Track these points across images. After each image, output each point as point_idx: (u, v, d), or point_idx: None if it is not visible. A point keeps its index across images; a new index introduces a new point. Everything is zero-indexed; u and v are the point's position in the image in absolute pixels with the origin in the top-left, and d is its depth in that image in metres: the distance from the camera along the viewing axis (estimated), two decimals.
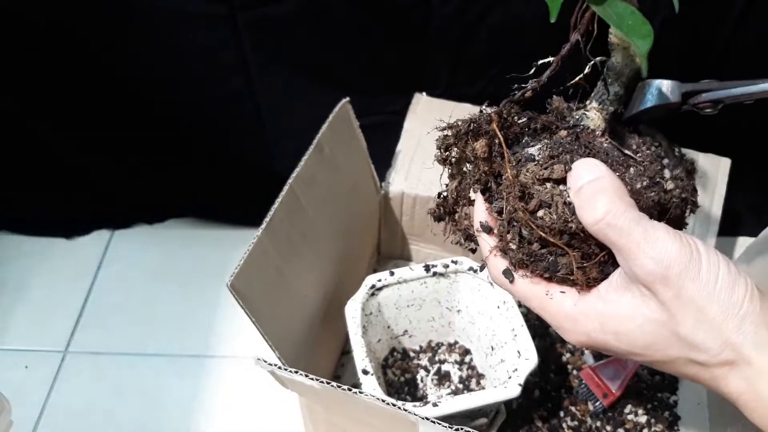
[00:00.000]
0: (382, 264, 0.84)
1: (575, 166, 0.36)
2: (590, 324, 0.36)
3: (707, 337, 0.32)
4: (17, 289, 0.88)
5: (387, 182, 0.75)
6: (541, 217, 0.36)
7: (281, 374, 0.50)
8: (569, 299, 0.37)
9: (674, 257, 0.32)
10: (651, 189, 0.37)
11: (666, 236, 0.33)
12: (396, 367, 0.72)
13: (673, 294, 0.32)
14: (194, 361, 0.81)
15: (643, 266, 0.33)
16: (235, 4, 0.70)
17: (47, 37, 0.74)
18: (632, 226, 0.33)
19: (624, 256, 0.34)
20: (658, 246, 0.32)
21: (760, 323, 0.32)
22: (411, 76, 0.80)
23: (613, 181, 0.35)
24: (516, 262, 0.38)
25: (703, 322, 0.32)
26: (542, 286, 0.38)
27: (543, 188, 0.37)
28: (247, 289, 0.51)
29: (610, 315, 0.35)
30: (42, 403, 0.77)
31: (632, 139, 0.40)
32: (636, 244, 0.33)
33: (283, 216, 0.57)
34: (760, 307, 0.32)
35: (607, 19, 0.35)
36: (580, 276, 0.36)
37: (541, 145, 0.38)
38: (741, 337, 0.32)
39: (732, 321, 0.32)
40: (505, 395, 0.57)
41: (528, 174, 0.37)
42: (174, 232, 0.94)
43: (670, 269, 0.32)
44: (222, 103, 0.81)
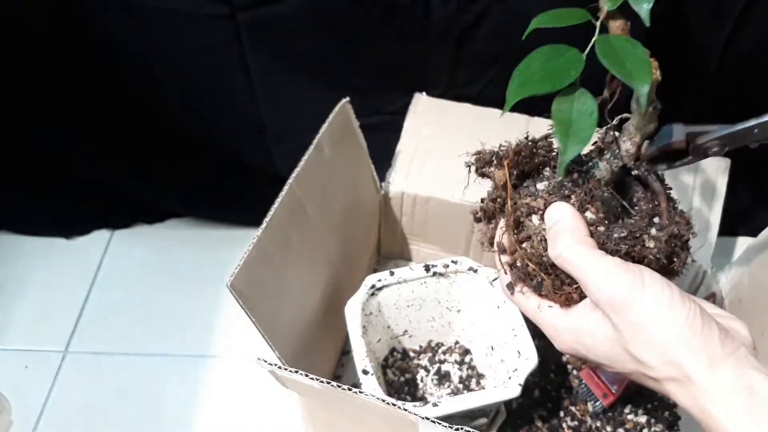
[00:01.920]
0: (382, 264, 0.84)
1: (548, 209, 0.42)
2: (568, 335, 0.42)
3: (652, 357, 0.37)
4: (17, 289, 0.88)
5: (387, 182, 0.75)
6: (525, 248, 0.43)
7: (281, 374, 0.50)
8: (555, 312, 0.43)
9: (620, 285, 0.37)
10: (625, 240, 0.41)
11: (613, 268, 0.38)
12: (396, 367, 0.72)
13: (621, 318, 0.37)
14: (194, 361, 0.81)
15: (593, 294, 0.38)
16: (235, 4, 0.70)
17: (47, 37, 0.75)
18: (583, 260, 0.38)
19: (581, 285, 0.39)
20: (605, 277, 0.38)
21: (698, 347, 0.36)
22: (411, 76, 0.80)
23: (574, 223, 0.40)
24: (516, 278, 0.45)
25: (648, 343, 0.37)
26: (535, 299, 0.44)
27: (531, 223, 0.43)
28: (247, 289, 0.51)
29: (581, 330, 0.41)
30: (42, 403, 0.77)
31: (637, 193, 0.44)
32: (586, 275, 0.38)
33: (283, 216, 0.57)
34: (702, 331, 0.36)
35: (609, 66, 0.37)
36: (558, 298, 0.42)
37: (549, 183, 0.44)
38: (681, 358, 0.36)
39: (673, 344, 0.36)
40: (505, 395, 0.57)
41: (523, 208, 0.43)
42: (174, 232, 0.94)
43: (615, 297, 0.37)
44: (222, 103, 0.81)
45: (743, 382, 0.35)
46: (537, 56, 0.39)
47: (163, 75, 0.78)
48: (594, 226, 0.41)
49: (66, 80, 0.79)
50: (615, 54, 0.37)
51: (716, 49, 0.72)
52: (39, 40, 0.75)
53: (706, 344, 0.36)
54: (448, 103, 0.79)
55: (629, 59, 0.37)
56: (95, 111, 0.82)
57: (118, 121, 0.83)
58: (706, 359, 0.36)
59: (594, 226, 0.41)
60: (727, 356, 0.36)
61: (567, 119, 0.37)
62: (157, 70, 0.78)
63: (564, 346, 0.43)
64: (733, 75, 0.74)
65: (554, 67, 0.38)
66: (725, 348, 0.36)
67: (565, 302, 0.42)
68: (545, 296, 0.43)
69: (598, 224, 0.42)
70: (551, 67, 0.38)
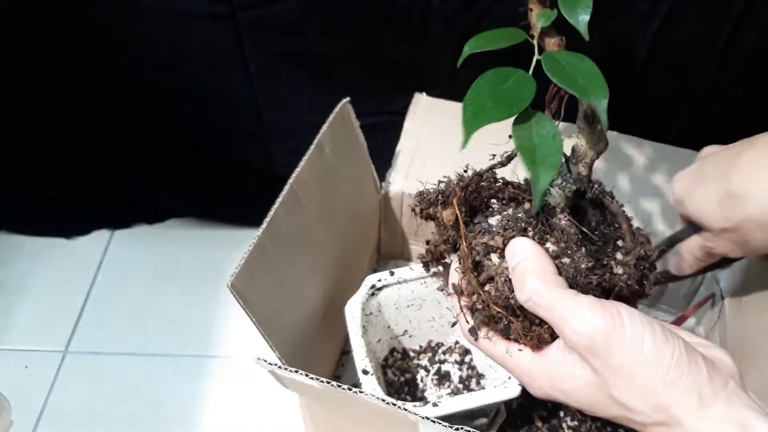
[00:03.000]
0: (382, 264, 0.84)
1: (509, 245, 0.39)
2: (543, 380, 0.39)
3: (638, 402, 0.35)
4: (17, 289, 0.88)
5: (387, 182, 0.75)
6: (488, 291, 0.40)
7: (281, 374, 0.50)
8: (526, 357, 0.39)
9: (596, 330, 0.34)
10: (594, 271, 0.39)
11: (589, 310, 0.35)
12: (396, 367, 0.72)
13: (601, 362, 0.35)
14: (194, 361, 0.81)
15: (569, 339, 0.36)
16: (235, 4, 0.70)
17: (47, 37, 0.75)
18: (555, 304, 0.36)
19: (555, 329, 0.37)
20: (581, 320, 0.35)
21: (687, 387, 0.34)
22: (411, 76, 0.80)
23: (539, 261, 0.37)
24: (479, 322, 0.41)
25: (632, 388, 0.34)
26: (503, 344, 0.40)
27: (491, 263, 0.40)
28: (247, 289, 0.51)
29: (557, 374, 0.38)
30: (42, 403, 0.77)
31: (594, 216, 0.42)
32: (560, 319, 0.35)
33: (283, 216, 0.57)
34: (689, 370, 0.34)
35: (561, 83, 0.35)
36: (528, 340, 0.39)
37: (501, 217, 0.41)
38: (669, 401, 0.34)
39: (659, 387, 0.34)
40: (505, 395, 0.57)
41: (480, 246, 0.40)
42: (174, 232, 0.94)
43: (593, 341, 0.34)
44: (222, 103, 0.81)
45: (735, 421, 0.33)
46: (484, 82, 0.37)
47: (163, 75, 0.78)
48: (558, 259, 0.38)
49: (65, 80, 0.79)
50: (564, 70, 0.35)
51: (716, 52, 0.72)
52: (39, 40, 0.75)
53: (694, 383, 0.34)
54: (448, 103, 0.79)
55: (580, 75, 0.35)
56: (95, 111, 0.82)
57: (117, 121, 0.83)
58: (695, 400, 0.34)
59: (558, 258, 0.38)
60: (716, 394, 0.34)
61: (530, 146, 0.35)
62: (157, 70, 0.78)
63: (539, 392, 0.39)
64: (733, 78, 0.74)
65: (505, 92, 0.36)
66: (714, 385, 0.34)
67: (537, 344, 0.39)
68: (514, 339, 0.40)
69: (561, 256, 0.39)
70: (502, 91, 0.36)
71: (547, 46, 0.38)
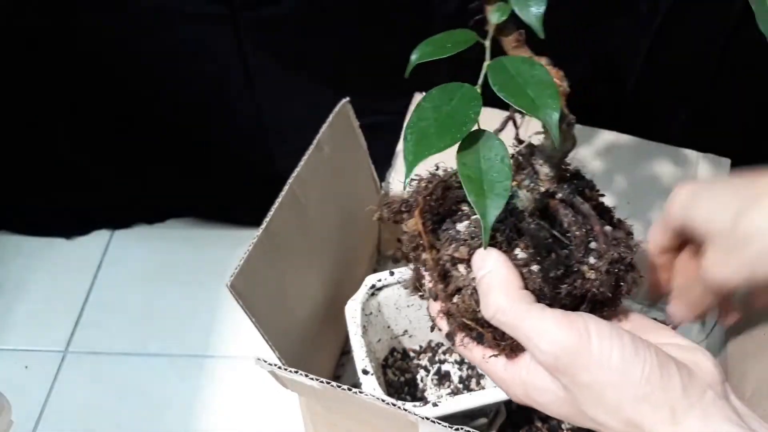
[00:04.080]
0: (382, 264, 0.84)
1: (474, 257, 0.37)
2: (517, 389, 0.38)
3: (608, 418, 0.33)
4: (17, 289, 0.88)
5: (387, 182, 0.75)
6: (456, 303, 0.38)
7: (281, 374, 0.50)
8: (500, 363, 0.38)
9: (562, 348, 0.33)
10: (564, 280, 0.37)
11: (554, 327, 0.33)
12: (396, 367, 0.72)
13: (569, 380, 0.34)
14: (194, 361, 0.81)
15: (536, 356, 0.34)
16: (235, 4, 0.70)
17: (47, 37, 0.75)
18: (520, 321, 0.34)
19: (523, 345, 0.35)
20: (546, 338, 0.33)
21: (658, 402, 0.32)
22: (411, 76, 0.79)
23: (504, 274, 0.35)
24: (455, 327, 0.40)
25: (601, 405, 0.33)
26: (478, 350, 0.39)
27: (458, 273, 0.38)
28: (247, 289, 0.51)
29: (530, 385, 0.37)
30: (42, 403, 0.77)
31: (566, 218, 0.39)
32: (525, 337, 0.34)
33: (283, 216, 0.57)
34: (661, 382, 0.32)
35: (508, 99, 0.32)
36: (501, 349, 0.38)
37: (469, 221, 0.38)
38: (640, 417, 0.32)
39: (629, 403, 0.32)
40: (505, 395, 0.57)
41: (445, 258, 0.38)
42: (174, 232, 0.94)
43: (559, 359, 0.33)
44: (222, 103, 0.81)
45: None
46: (426, 103, 0.34)
47: (163, 75, 0.78)
48: (527, 266, 0.36)
49: (66, 80, 0.79)
50: (513, 82, 0.32)
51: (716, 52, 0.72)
52: (39, 40, 0.75)
53: (666, 398, 0.32)
54: None
55: (530, 85, 0.32)
56: (95, 111, 0.82)
57: (118, 121, 0.83)
58: (668, 415, 0.32)
59: (527, 266, 0.36)
60: (691, 407, 0.32)
61: (477, 175, 0.31)
62: (157, 71, 0.78)
63: (516, 399, 0.38)
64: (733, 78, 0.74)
65: (448, 114, 0.33)
66: (690, 398, 0.32)
67: (511, 351, 0.37)
68: (488, 347, 0.39)
69: (530, 263, 0.36)
70: (445, 113, 0.33)
71: (506, 45, 0.36)
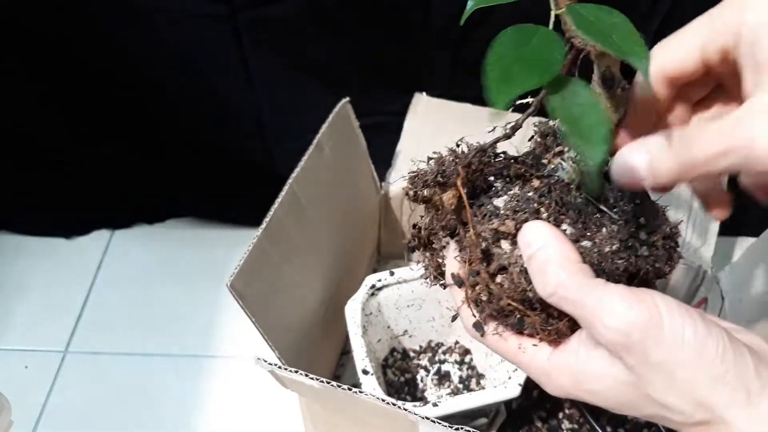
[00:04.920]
0: (382, 264, 0.84)
1: (522, 232, 0.34)
2: (563, 379, 0.35)
3: (679, 401, 0.31)
4: (17, 289, 0.88)
5: (387, 182, 0.75)
6: (500, 283, 0.35)
7: (281, 374, 0.50)
8: (542, 352, 0.35)
9: (632, 324, 0.30)
10: (620, 254, 0.35)
11: (622, 303, 0.31)
12: (396, 367, 0.72)
13: (638, 360, 0.31)
14: (194, 361, 0.81)
15: (601, 335, 0.31)
16: (235, 4, 0.70)
17: (47, 37, 0.75)
18: (584, 297, 0.31)
19: (583, 326, 0.33)
20: (614, 315, 0.31)
21: (734, 382, 0.30)
22: (411, 76, 0.80)
23: (561, 248, 0.33)
24: (486, 316, 0.37)
25: (672, 386, 0.31)
26: (514, 339, 0.36)
27: (501, 251, 0.35)
28: (247, 289, 0.51)
29: (581, 373, 0.34)
30: (42, 403, 0.77)
31: (612, 192, 0.36)
32: (591, 314, 0.31)
33: (283, 216, 0.57)
34: (734, 363, 0.30)
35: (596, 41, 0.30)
36: (545, 336, 0.35)
37: (508, 197, 0.36)
38: (714, 399, 0.30)
39: (703, 383, 0.30)
40: (505, 395, 0.57)
41: (488, 233, 0.35)
42: (174, 232, 0.94)
43: (630, 337, 0.30)
44: (222, 103, 0.81)
45: None
46: (505, 41, 0.32)
47: (163, 75, 0.78)
48: (577, 243, 0.34)
49: (65, 80, 0.79)
50: (596, 26, 0.30)
51: None
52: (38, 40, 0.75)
53: (741, 379, 0.30)
54: (448, 103, 0.78)
55: (615, 30, 0.30)
56: (94, 111, 0.82)
57: (117, 120, 0.83)
58: (744, 397, 0.30)
59: (577, 242, 0.34)
60: (764, 388, 0.30)
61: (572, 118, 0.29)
62: (157, 70, 0.78)
63: (558, 391, 0.35)
64: None
65: (532, 53, 0.31)
66: (761, 378, 0.30)
67: (555, 338, 0.35)
68: (528, 334, 0.36)
69: (581, 239, 0.34)
70: (527, 52, 0.31)
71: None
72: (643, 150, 0.31)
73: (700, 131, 0.30)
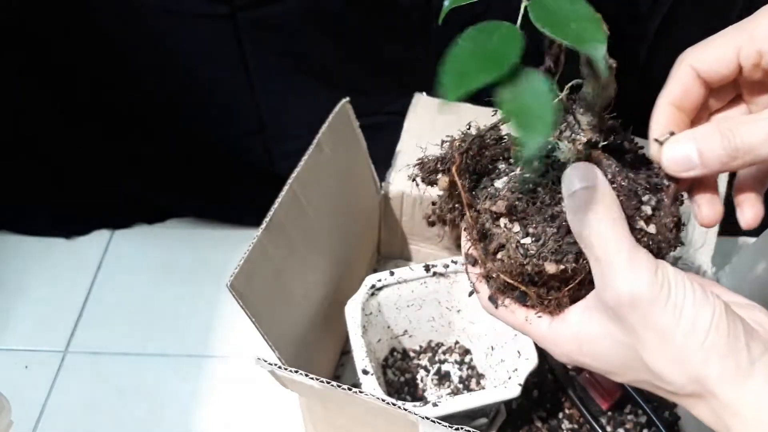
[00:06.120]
0: (382, 264, 0.84)
1: (568, 172, 0.35)
2: (568, 346, 0.36)
3: (671, 370, 0.32)
4: (17, 289, 0.88)
5: (387, 182, 0.75)
6: (500, 259, 0.37)
7: (281, 374, 0.50)
8: (545, 322, 0.37)
9: (646, 284, 0.32)
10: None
11: (646, 263, 0.32)
12: (396, 367, 0.72)
13: (638, 318, 0.32)
14: (194, 361, 0.81)
15: (618, 287, 0.32)
16: (235, 4, 0.70)
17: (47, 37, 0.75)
18: (618, 244, 0.32)
19: (601, 273, 0.33)
20: (635, 272, 0.32)
21: (725, 354, 0.31)
22: (411, 76, 0.80)
23: (610, 193, 0.34)
24: (495, 290, 0.39)
25: (666, 352, 0.32)
26: (521, 311, 0.38)
27: (500, 230, 0.36)
28: (247, 289, 0.51)
29: (583, 336, 0.35)
30: (42, 403, 0.77)
31: (610, 168, 0.37)
32: (616, 264, 0.32)
33: (283, 216, 0.57)
34: (728, 335, 0.31)
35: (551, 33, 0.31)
36: (545, 308, 0.37)
37: (508, 178, 0.37)
38: (706, 371, 0.31)
39: (696, 353, 0.31)
40: (505, 395, 0.57)
41: (486, 214, 0.37)
42: (174, 232, 0.94)
43: (642, 296, 0.32)
44: (222, 103, 0.81)
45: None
46: (465, 42, 0.33)
47: (163, 75, 0.78)
48: None
49: (65, 80, 0.79)
50: (554, 17, 0.31)
51: None
52: (39, 40, 0.75)
53: (731, 349, 0.31)
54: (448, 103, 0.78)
55: (573, 19, 0.31)
56: (95, 111, 0.82)
57: (117, 120, 0.83)
58: (733, 368, 0.31)
59: None
60: (753, 363, 0.31)
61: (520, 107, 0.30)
62: (157, 70, 0.78)
63: (565, 358, 0.37)
64: None
65: (489, 51, 0.32)
66: (752, 353, 0.31)
67: (556, 308, 0.37)
68: (531, 306, 0.38)
69: None
70: (485, 51, 0.32)
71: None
72: (691, 140, 0.34)
73: (746, 121, 0.33)
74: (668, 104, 0.38)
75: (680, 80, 0.38)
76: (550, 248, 0.35)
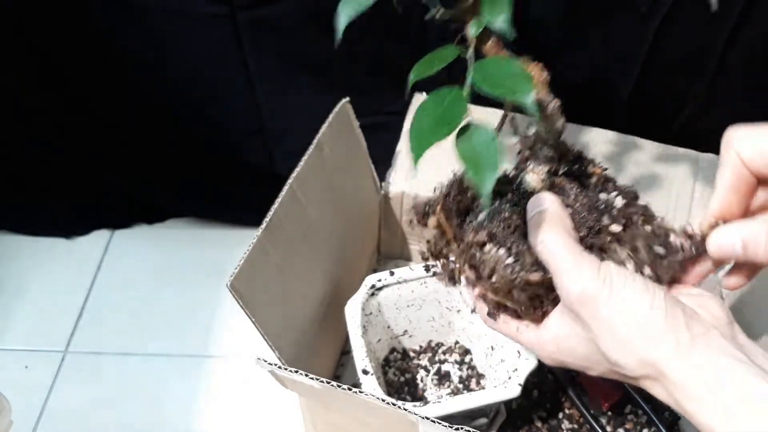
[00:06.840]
0: (382, 264, 0.84)
1: (533, 198, 0.42)
2: (550, 347, 0.41)
3: (622, 356, 0.36)
4: (17, 289, 0.88)
5: (387, 182, 0.75)
6: (494, 282, 0.42)
7: (281, 374, 0.50)
8: (532, 331, 0.43)
9: (591, 281, 0.36)
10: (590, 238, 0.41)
11: (589, 264, 0.37)
12: (396, 367, 0.72)
13: (590, 314, 0.37)
14: (194, 361, 0.81)
15: (567, 288, 0.37)
16: (235, 4, 0.70)
17: (47, 38, 0.75)
18: (563, 251, 0.38)
19: (557, 278, 0.38)
20: (581, 272, 0.37)
21: (664, 333, 0.35)
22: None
23: (561, 212, 0.40)
24: (493, 306, 0.45)
25: (616, 341, 0.36)
26: (514, 323, 0.44)
27: (488, 256, 0.42)
28: (247, 289, 0.51)
29: (560, 338, 0.40)
30: (42, 403, 0.77)
31: (572, 190, 0.44)
32: (564, 268, 0.37)
33: (283, 216, 0.57)
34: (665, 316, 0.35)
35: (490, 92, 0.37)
36: (531, 319, 0.43)
37: (487, 212, 0.44)
38: (651, 352, 0.35)
39: (639, 338, 0.35)
40: (505, 395, 0.57)
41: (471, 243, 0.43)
42: (174, 232, 0.94)
43: (588, 292, 0.36)
44: (222, 103, 0.81)
45: (713, 369, 0.34)
46: (423, 111, 0.40)
47: (163, 75, 0.78)
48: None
49: (65, 80, 0.79)
50: (492, 78, 0.38)
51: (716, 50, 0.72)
52: (39, 40, 0.75)
53: (670, 330, 0.35)
54: None
55: (507, 78, 0.37)
56: (95, 111, 0.82)
57: (117, 120, 0.83)
58: (673, 345, 0.34)
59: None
60: (694, 340, 0.34)
61: (472, 155, 0.37)
62: (157, 70, 0.78)
63: (549, 359, 0.42)
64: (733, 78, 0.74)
65: (442, 115, 0.39)
66: (692, 331, 0.34)
67: (542, 318, 0.43)
68: (519, 317, 0.44)
69: None
70: (439, 113, 0.39)
71: (487, 51, 0.41)
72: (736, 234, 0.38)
73: None
74: (725, 189, 0.41)
75: (731, 166, 0.40)
76: (529, 261, 0.40)
